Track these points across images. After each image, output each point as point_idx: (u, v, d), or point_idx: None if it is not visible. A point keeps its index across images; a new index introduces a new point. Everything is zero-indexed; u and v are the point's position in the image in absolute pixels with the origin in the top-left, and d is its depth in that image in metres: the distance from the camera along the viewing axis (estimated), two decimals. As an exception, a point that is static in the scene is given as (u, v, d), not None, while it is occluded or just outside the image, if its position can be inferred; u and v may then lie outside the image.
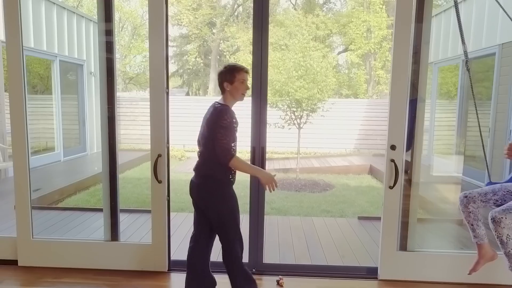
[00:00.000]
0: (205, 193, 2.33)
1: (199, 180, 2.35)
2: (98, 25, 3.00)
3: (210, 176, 2.30)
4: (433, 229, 4.54)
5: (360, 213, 5.15)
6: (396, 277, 2.97)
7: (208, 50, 18.48)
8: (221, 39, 17.44)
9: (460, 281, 2.92)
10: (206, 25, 17.32)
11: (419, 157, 3.07)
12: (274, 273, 3.02)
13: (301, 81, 8.01)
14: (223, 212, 2.32)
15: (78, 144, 9.42)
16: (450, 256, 3.04)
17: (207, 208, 2.35)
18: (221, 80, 2.36)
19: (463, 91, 7.03)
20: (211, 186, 2.31)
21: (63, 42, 8.45)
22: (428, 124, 8.05)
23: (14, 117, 2.98)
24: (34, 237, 3.12)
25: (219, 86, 2.40)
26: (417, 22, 2.93)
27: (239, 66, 2.36)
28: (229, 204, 2.32)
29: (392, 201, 2.92)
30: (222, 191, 2.31)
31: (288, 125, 8.29)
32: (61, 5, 8.36)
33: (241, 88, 2.35)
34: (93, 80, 9.68)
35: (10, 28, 2.89)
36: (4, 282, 2.86)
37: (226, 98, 2.36)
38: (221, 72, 2.39)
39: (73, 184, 6.36)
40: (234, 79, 2.33)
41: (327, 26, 14.31)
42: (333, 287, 2.90)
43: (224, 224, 2.33)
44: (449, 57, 7.57)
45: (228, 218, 2.33)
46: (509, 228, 1.65)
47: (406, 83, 2.84)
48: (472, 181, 6.12)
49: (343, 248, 3.78)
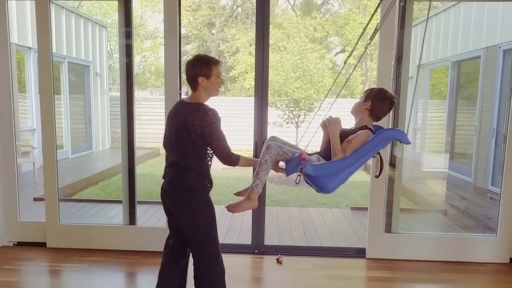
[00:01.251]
0: (181, 204, 2.06)
1: (174, 190, 2.08)
2: (118, 31, 3.40)
3: (186, 187, 2.03)
4: (420, 218, 4.97)
5: (353, 204, 5.55)
6: (381, 256, 3.37)
7: (207, 50, 18.80)
8: (220, 39, 17.80)
9: (437, 259, 3.32)
10: (205, 25, 17.65)
11: (402, 153, 3.49)
12: (274, 253, 3.42)
13: (298, 82, 8.42)
14: (200, 228, 2.08)
15: (85, 142, 9.79)
16: (429, 237, 3.45)
17: (182, 222, 2.10)
18: (195, 73, 2.02)
19: (453, 92, 7.44)
20: (188, 198, 2.04)
21: (71, 44, 8.82)
22: (421, 123, 8.48)
23: (45, 117, 3.37)
24: (61, 221, 3.51)
25: (189, 80, 2.06)
26: (400, 28, 3.32)
27: (215, 59, 2.10)
28: (206, 217, 2.09)
29: (378, 188, 3.33)
30: (200, 203, 2.05)
31: (287, 124, 8.69)
32: (69, 9, 8.74)
33: (217, 83, 2.08)
34: (98, 81, 10.06)
35: (42, 37, 3.28)
36: (36, 261, 3.25)
37: (200, 95, 2.07)
38: (193, 64, 2.04)
39: (84, 179, 6.75)
40: (211, 73, 2.03)
41: (324, 28, 14.72)
42: (327, 264, 3.29)
43: (200, 239, 2.09)
44: (439, 59, 7.98)
45: (205, 235, 2.09)
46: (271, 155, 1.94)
47: (389, 84, 3.23)
48: (457, 175, 6.54)
49: (336, 233, 4.19)
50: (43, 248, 3.48)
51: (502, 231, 3.31)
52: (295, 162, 1.93)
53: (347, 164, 1.99)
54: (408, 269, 3.18)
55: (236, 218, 4.81)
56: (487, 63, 6.44)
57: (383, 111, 2.13)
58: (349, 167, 2.00)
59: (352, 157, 1.99)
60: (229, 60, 16.11)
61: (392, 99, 2.14)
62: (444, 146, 8.06)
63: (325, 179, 2.01)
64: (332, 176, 2.01)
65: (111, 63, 12.59)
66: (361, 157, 2.00)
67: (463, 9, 7.16)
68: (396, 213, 3.49)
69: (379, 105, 2.11)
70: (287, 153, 1.98)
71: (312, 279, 3.03)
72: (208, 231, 2.10)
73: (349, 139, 2.05)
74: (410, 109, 3.45)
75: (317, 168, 1.97)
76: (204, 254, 2.09)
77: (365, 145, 2.00)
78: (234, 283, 2.91)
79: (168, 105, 3.29)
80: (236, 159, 2.06)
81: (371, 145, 2.00)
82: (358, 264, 3.31)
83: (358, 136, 2.04)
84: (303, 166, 1.90)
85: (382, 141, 2.01)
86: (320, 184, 2.04)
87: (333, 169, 2.01)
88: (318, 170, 1.97)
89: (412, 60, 3.69)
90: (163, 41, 3.24)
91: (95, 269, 3.12)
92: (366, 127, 2.11)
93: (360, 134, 2.06)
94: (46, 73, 3.32)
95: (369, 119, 2.15)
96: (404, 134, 2.06)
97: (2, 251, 3.41)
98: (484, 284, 3.01)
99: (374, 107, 2.11)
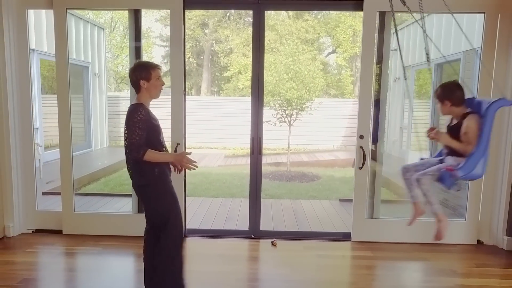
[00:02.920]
0: (142, 197, 2.46)
1: (135, 187, 2.43)
2: (129, 37, 3.78)
3: (140, 184, 2.38)
4: (402, 208, 5.40)
5: (342, 197, 5.97)
6: (364, 239, 3.79)
7: (201, 50, 19.10)
8: (213, 39, 18.11)
9: (413, 241, 3.75)
10: (198, 26, 17.94)
11: (382, 148, 3.92)
12: (269, 237, 3.81)
13: (291, 83, 8.84)
14: (163, 214, 2.37)
15: (84, 141, 10.09)
16: (406, 222, 3.86)
17: (146, 211, 2.47)
18: (136, 78, 2.34)
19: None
20: (144, 192, 2.39)
21: (72, 45, 9.12)
22: (407, 122, 8.94)
23: (62, 117, 3.73)
24: (76, 210, 3.87)
25: (133, 85, 2.37)
26: (379, 33, 3.73)
27: (153, 63, 2.39)
28: (166, 204, 2.37)
29: (361, 178, 3.74)
30: (159, 192, 2.37)
31: (280, 123, 9.09)
32: (70, 12, 9.01)
33: (157, 84, 2.37)
34: (97, 81, 10.37)
35: (60, 44, 3.64)
36: (55, 245, 3.61)
37: (142, 96, 2.37)
38: (134, 69, 2.36)
39: (86, 176, 7.08)
40: (151, 76, 2.34)
41: (316, 30, 15.17)
42: (316, 247, 3.69)
43: (164, 224, 2.37)
44: (424, 61, 8.44)
45: (166, 219, 2.37)
46: (426, 184, 2.42)
47: (370, 87, 3.64)
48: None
49: (325, 220, 4.62)
50: (59, 234, 3.84)
51: (470, 216, 3.75)
52: (447, 176, 2.29)
53: (482, 149, 2.30)
54: (387, 250, 3.60)
55: (233, 208, 5.22)
56: (466, 66, 6.90)
57: (459, 96, 2.42)
58: (484, 150, 2.30)
59: (482, 141, 2.30)
60: (223, 61, 16.43)
61: (456, 84, 2.45)
62: (428, 144, 8.52)
63: (475, 171, 2.32)
64: (478, 165, 2.31)
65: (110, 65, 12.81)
66: (487, 136, 2.31)
67: (445, 15, 7.62)
68: (377, 202, 3.91)
69: (454, 96, 2.42)
70: (435, 173, 2.37)
71: (303, 258, 3.43)
72: (167, 216, 2.37)
73: (465, 132, 2.36)
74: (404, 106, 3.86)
75: (465, 168, 2.30)
76: (164, 237, 2.39)
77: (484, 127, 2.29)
78: (234, 262, 3.32)
79: (175, 106, 3.67)
80: (144, 150, 2.27)
81: (488, 124, 2.28)
82: (344, 246, 3.72)
83: (468, 125, 2.35)
84: (453, 175, 2.27)
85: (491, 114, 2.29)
86: (474, 176, 2.37)
87: (477, 159, 2.31)
88: (466, 169, 2.30)
89: (399, 63, 4.08)
90: (170, 50, 3.62)
91: (109, 251, 3.50)
92: (466, 114, 2.41)
93: (468, 123, 2.35)
94: (63, 76, 3.67)
95: (459, 109, 2.44)
96: (505, 100, 2.34)
97: (22, 237, 3.76)
98: (454, 261, 3.43)
99: (452, 101, 2.42)
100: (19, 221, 3.81)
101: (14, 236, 3.76)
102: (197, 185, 7.08)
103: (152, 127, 2.35)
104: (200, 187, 7.01)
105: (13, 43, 3.61)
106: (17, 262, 3.23)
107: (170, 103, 3.67)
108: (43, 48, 7.82)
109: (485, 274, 3.14)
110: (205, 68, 18.27)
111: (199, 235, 3.92)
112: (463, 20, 6.86)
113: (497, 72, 3.60)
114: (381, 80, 3.79)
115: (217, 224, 4.47)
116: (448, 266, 3.29)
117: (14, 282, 2.84)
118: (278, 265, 3.29)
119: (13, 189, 3.72)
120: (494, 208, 3.71)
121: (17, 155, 3.74)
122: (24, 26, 3.68)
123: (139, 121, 2.27)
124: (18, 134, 3.75)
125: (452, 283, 2.99)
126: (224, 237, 3.87)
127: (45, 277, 3.05)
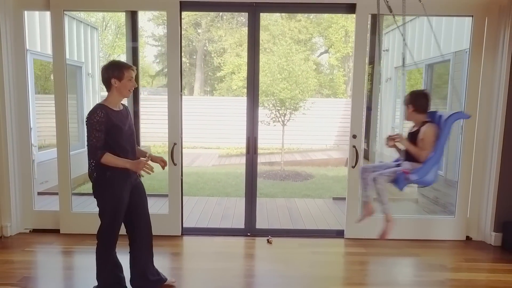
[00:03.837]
0: (94, 193, 2.47)
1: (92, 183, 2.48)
2: (126, 38, 3.83)
3: (95, 178, 2.42)
4: (394, 206, 5.51)
5: (335, 195, 6.08)
6: (357, 236, 3.89)
7: (193, 50, 19.09)
8: (206, 39, 18.12)
9: (404, 238, 3.85)
10: (191, 25, 17.93)
11: (374, 147, 4.02)
12: (265, 235, 3.89)
13: (284, 83, 8.93)
14: (102, 209, 2.46)
15: (77, 141, 10.07)
16: (398, 219, 3.93)
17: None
18: (108, 76, 2.34)
19: (426, 92, 8.04)
20: (97, 187, 2.44)
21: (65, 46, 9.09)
22: (398, 121, 9.08)
23: (59, 117, 3.76)
24: (73, 210, 3.91)
25: (104, 82, 2.37)
26: (371, 34, 3.83)
27: (127, 64, 2.39)
28: (107, 203, 2.44)
29: (354, 177, 3.83)
30: (106, 189, 2.41)
31: (274, 122, 9.18)
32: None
33: (129, 85, 2.37)
34: (90, 81, 10.35)
35: (57, 45, 3.67)
36: (53, 244, 3.65)
37: (111, 95, 2.38)
38: (107, 67, 2.35)
39: (81, 176, 7.08)
40: (123, 76, 2.34)
41: (309, 30, 15.28)
42: (311, 244, 3.78)
43: (101, 219, 2.49)
44: (415, 62, 8.58)
45: (104, 217, 2.47)
46: (381, 184, 2.52)
47: (363, 87, 3.73)
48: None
49: (319, 218, 4.71)
50: (57, 234, 3.87)
51: (459, 213, 3.87)
52: (402, 178, 2.46)
53: (437, 157, 2.49)
54: (379, 246, 3.70)
55: (229, 207, 5.29)
56: (455, 66, 7.05)
57: (423, 104, 2.61)
58: (439, 157, 2.50)
59: (437, 149, 2.49)
60: (216, 61, 16.46)
61: (423, 93, 2.64)
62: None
63: (428, 176, 2.51)
64: (431, 171, 2.50)
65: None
66: (442, 145, 2.49)
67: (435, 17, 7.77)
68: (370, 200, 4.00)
69: (417, 103, 2.60)
70: (390, 175, 2.52)
71: (298, 255, 3.52)
72: (106, 213, 2.47)
73: (421, 138, 2.54)
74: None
75: (419, 172, 2.48)
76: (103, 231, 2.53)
77: (440, 137, 2.48)
78: (230, 259, 3.39)
79: (171, 106, 3.72)
80: (102, 153, 2.31)
81: (444, 134, 2.47)
82: (337, 243, 3.82)
83: (426, 132, 2.53)
84: (407, 178, 2.45)
85: (449, 125, 2.48)
86: (427, 181, 2.55)
87: (430, 166, 2.50)
88: (420, 174, 2.49)
89: (390, 63, 4.20)
90: (166, 51, 3.67)
91: (107, 250, 3.54)
92: (424, 122, 2.59)
93: (426, 130, 2.54)
94: (60, 77, 3.71)
95: (421, 116, 2.62)
96: (462, 113, 2.60)
97: (20, 237, 3.79)
98: (444, 257, 3.54)
99: (415, 107, 2.60)
100: (16, 221, 3.84)
101: (11, 236, 3.79)
102: (192, 185, 7.14)
103: (112, 129, 2.34)
104: (195, 187, 7.06)
105: (10, 44, 3.64)
106: (16, 261, 3.26)
107: (167, 103, 3.72)
108: (37, 48, 7.80)
109: (473, 269, 3.25)
110: (198, 68, 18.27)
111: (196, 233, 3.98)
112: (452, 22, 7.02)
113: (484, 73, 3.72)
114: (373, 80, 3.89)
115: (213, 223, 4.54)
116: (438, 261, 3.39)
117: (14, 281, 2.88)
118: (273, 262, 3.37)
119: (11, 189, 3.75)
120: (482, 205, 3.84)
121: (14, 155, 3.77)
122: (21, 27, 3.70)
123: (97, 122, 2.28)
124: (15, 134, 3.78)
125: (442, 277, 3.09)
126: (220, 235, 3.94)
127: (45, 275, 3.09)
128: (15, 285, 2.82)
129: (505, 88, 3.59)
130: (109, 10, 8.27)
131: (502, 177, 3.68)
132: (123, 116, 2.47)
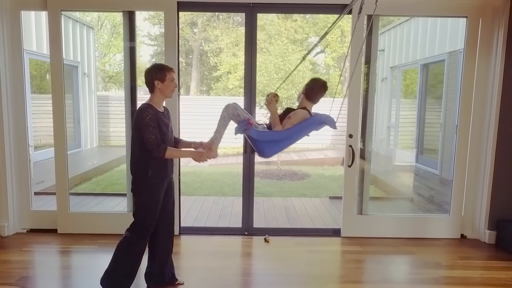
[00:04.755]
0: (133, 189, 2.53)
1: (132, 179, 2.54)
2: (123, 38, 3.84)
3: (137, 176, 2.50)
4: (390, 205, 5.58)
5: (332, 194, 6.12)
6: (354, 235, 3.92)
7: (190, 49, 19.08)
8: (202, 39, 18.11)
9: (400, 236, 3.90)
10: (187, 25, 17.91)
11: (370, 146, 4.06)
12: (262, 234, 3.92)
13: (281, 83, 8.96)
14: (139, 206, 2.52)
15: (74, 141, 10.05)
16: (393, 218, 4.02)
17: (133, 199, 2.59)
18: (151, 78, 2.45)
19: (422, 92, 8.11)
20: (137, 184, 2.51)
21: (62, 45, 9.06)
22: (394, 120, 9.14)
23: (57, 117, 3.76)
24: (71, 210, 3.91)
25: (147, 84, 2.49)
26: (367, 35, 3.86)
27: (168, 66, 2.52)
28: (144, 201, 2.50)
29: (351, 176, 3.87)
30: (146, 188, 2.48)
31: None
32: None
33: (171, 86, 2.49)
34: (86, 81, 10.32)
35: (54, 45, 3.68)
36: (51, 243, 3.66)
37: (155, 96, 2.48)
38: (150, 70, 2.47)
39: (78, 176, 7.08)
40: (165, 78, 2.45)
41: (305, 30, 15.31)
42: (307, 242, 3.81)
43: (135, 215, 2.54)
44: (410, 62, 8.66)
45: (139, 214, 2.51)
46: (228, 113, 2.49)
47: (359, 87, 3.77)
48: (426, 168, 7.20)
49: (315, 217, 4.75)
50: (54, 233, 3.88)
51: (454, 211, 3.92)
52: (243, 124, 2.47)
53: (283, 136, 2.54)
54: (376, 244, 3.74)
55: (226, 206, 5.31)
56: (450, 66, 7.11)
57: (315, 93, 2.68)
58: (284, 139, 2.55)
59: (288, 131, 2.54)
60: (212, 61, 16.45)
61: (321, 83, 2.69)
62: (414, 142, 8.74)
63: (264, 145, 2.55)
64: (270, 143, 2.55)
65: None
66: (295, 132, 2.55)
67: (430, 17, 7.83)
68: (366, 199, 4.05)
69: (311, 90, 2.68)
70: (240, 116, 2.52)
71: (295, 253, 3.55)
72: (142, 210, 2.51)
73: (289, 116, 2.59)
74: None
75: (259, 134, 2.51)
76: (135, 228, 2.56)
77: (300, 124, 2.54)
78: (228, 258, 3.42)
79: (169, 105, 3.73)
80: (164, 148, 2.42)
81: (305, 124, 2.54)
82: (334, 241, 3.85)
83: (296, 113, 2.60)
84: (247, 128, 2.45)
85: (315, 123, 2.56)
86: (260, 148, 2.57)
87: (272, 137, 2.55)
88: (259, 135, 2.52)
89: (386, 63, 4.22)
90: (164, 51, 3.69)
91: (105, 249, 3.55)
92: (305, 108, 2.65)
93: (298, 112, 2.61)
94: (58, 78, 3.71)
95: (307, 102, 2.70)
96: (332, 119, 2.65)
97: (17, 237, 3.79)
98: (439, 255, 3.58)
99: (308, 92, 2.68)
100: (13, 221, 3.84)
101: (8, 236, 3.79)
102: (189, 184, 7.15)
103: (159, 128, 2.44)
104: (192, 186, 7.08)
105: (7, 44, 3.64)
106: (14, 261, 3.27)
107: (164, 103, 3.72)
108: (32, 47, 7.78)
109: (468, 266, 3.30)
110: (194, 67, 18.26)
111: (193, 232, 4.00)
112: (447, 22, 7.08)
113: (478, 73, 3.76)
114: (369, 80, 3.93)
115: (210, 222, 4.56)
116: (433, 259, 3.44)
117: (12, 280, 2.89)
118: (270, 260, 3.40)
119: (8, 188, 3.75)
120: (476, 204, 3.89)
121: (11, 155, 3.77)
122: (18, 27, 3.70)
123: (150, 120, 2.38)
124: (12, 134, 3.78)
125: (437, 275, 3.13)
126: (218, 234, 3.96)
127: (43, 275, 3.09)
128: (13, 285, 2.83)
129: (499, 88, 3.64)
130: (106, 10, 8.25)
131: (496, 176, 3.73)
132: (166, 117, 2.57)
